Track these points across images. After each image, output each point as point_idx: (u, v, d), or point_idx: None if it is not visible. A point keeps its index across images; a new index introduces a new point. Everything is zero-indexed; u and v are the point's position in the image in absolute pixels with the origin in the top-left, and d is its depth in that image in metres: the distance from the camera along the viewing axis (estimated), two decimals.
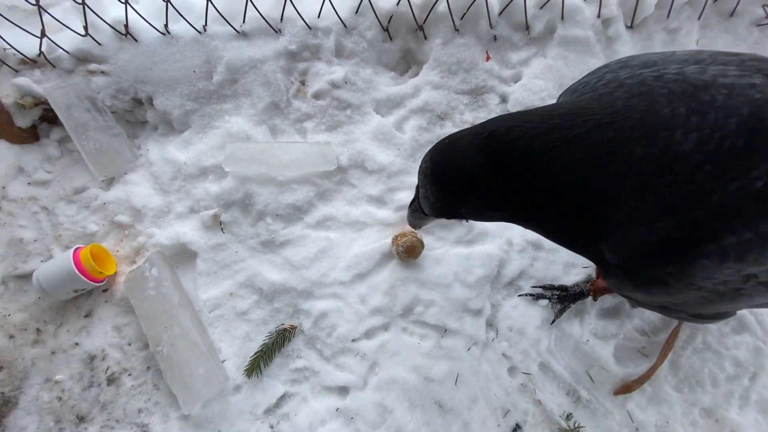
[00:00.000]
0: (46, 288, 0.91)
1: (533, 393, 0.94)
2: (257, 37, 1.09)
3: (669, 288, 0.55)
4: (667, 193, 0.49)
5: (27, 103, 1.06)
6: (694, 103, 0.48)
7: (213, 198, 1.05)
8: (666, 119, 0.48)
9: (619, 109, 0.50)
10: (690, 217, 0.49)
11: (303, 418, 0.89)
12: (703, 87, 0.50)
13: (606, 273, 0.61)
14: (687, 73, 0.52)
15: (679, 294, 0.57)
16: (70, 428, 0.88)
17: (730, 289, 0.56)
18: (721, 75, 0.51)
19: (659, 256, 0.53)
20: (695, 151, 0.47)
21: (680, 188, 0.48)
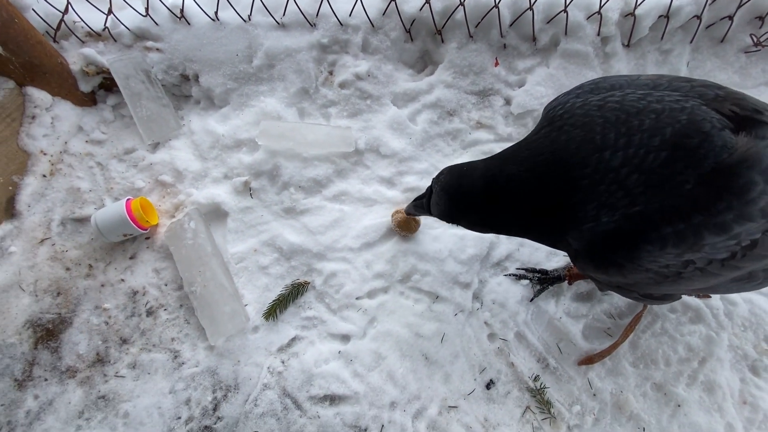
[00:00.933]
0: (101, 229, 1.07)
1: (508, 356, 1.08)
2: (294, 29, 1.24)
3: (623, 269, 0.69)
4: (605, 197, 0.64)
5: (90, 71, 1.22)
6: (623, 128, 0.63)
7: (245, 167, 1.20)
8: (597, 144, 0.63)
9: (561, 144, 0.67)
10: (633, 212, 0.63)
11: (309, 356, 1.04)
12: (635, 113, 0.64)
13: (574, 259, 0.76)
14: (626, 101, 0.66)
15: (631, 275, 0.70)
16: (114, 347, 1.04)
17: (672, 272, 0.69)
18: (657, 101, 0.64)
19: (611, 243, 0.67)
20: (623, 165, 0.62)
21: (615, 193, 0.63)
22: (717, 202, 0.59)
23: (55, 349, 1.03)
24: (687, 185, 0.60)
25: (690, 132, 0.60)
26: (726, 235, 0.61)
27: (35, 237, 1.12)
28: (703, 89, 0.67)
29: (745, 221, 0.59)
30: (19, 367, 1.01)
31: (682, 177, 0.60)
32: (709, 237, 0.61)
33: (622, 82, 0.72)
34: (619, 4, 1.16)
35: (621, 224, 0.65)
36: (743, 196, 0.59)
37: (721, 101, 0.65)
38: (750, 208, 0.59)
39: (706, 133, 0.60)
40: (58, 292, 1.08)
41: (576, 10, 1.17)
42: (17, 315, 1.05)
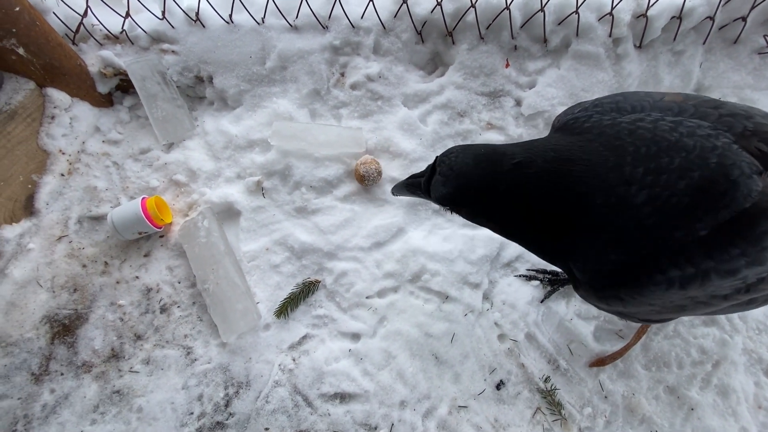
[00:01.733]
0: (117, 227, 1.09)
1: (518, 357, 1.08)
2: (307, 31, 1.25)
3: (625, 303, 0.68)
4: (618, 233, 0.62)
5: (108, 72, 1.25)
6: (653, 164, 0.60)
7: (257, 167, 1.22)
8: (626, 177, 0.60)
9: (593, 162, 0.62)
10: (643, 252, 0.62)
11: (320, 354, 1.05)
12: (666, 148, 0.60)
13: (575, 285, 0.74)
14: (658, 131, 0.63)
15: (632, 307, 0.69)
16: (129, 343, 1.06)
17: (675, 306, 0.68)
18: (689, 135, 0.61)
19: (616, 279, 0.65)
20: (645, 203, 0.59)
21: (630, 231, 0.61)
22: (730, 248, 0.58)
23: (72, 344, 1.05)
24: (702, 231, 0.59)
25: (718, 178, 0.58)
26: (734, 278, 0.60)
27: (53, 234, 1.15)
28: (731, 119, 0.64)
29: (756, 266, 0.59)
30: (36, 362, 1.03)
31: (699, 224, 0.59)
32: (716, 280, 0.60)
33: (645, 104, 0.69)
34: (631, 5, 1.16)
35: (629, 263, 0.63)
36: (758, 244, 0.58)
37: (748, 137, 0.62)
38: (763, 254, 0.58)
39: (734, 181, 0.58)
40: (75, 289, 1.10)
41: (587, 12, 1.17)
42: (35, 310, 1.07)
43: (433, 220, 1.21)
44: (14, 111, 1.08)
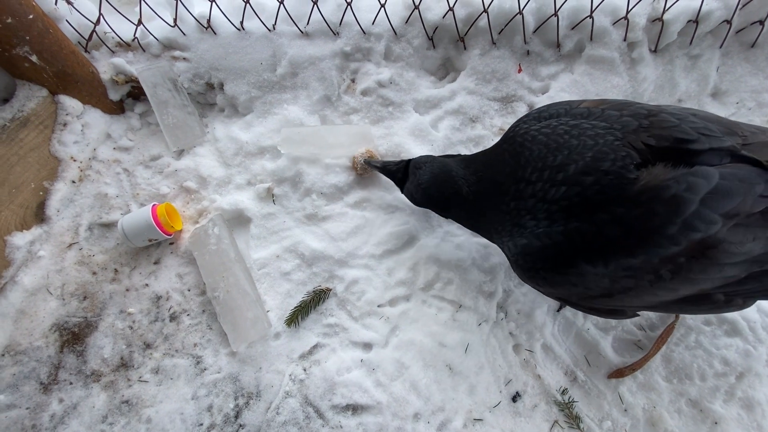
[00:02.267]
0: (128, 234, 1.08)
1: (534, 368, 1.05)
2: (318, 38, 1.25)
3: (549, 282, 0.75)
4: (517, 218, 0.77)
5: (120, 79, 1.25)
6: (540, 163, 0.74)
7: (268, 173, 1.21)
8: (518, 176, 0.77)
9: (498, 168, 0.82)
10: (538, 232, 0.73)
11: (332, 364, 1.03)
12: (554, 149, 0.73)
13: (513, 268, 0.83)
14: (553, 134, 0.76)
15: (560, 288, 0.76)
16: (138, 352, 1.05)
17: (602, 288, 0.71)
18: (578, 136, 0.73)
19: (532, 258, 0.75)
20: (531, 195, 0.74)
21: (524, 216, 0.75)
22: (616, 228, 0.65)
23: (81, 352, 1.04)
24: (589, 214, 0.68)
25: (588, 170, 0.68)
26: (633, 259, 0.65)
27: (63, 241, 1.14)
28: (630, 119, 0.72)
29: (651, 247, 0.64)
30: (45, 371, 1.02)
31: (578, 208, 0.69)
32: (614, 261, 0.66)
33: (561, 111, 0.81)
34: (646, 9, 1.15)
35: (533, 242, 0.74)
36: (644, 225, 0.63)
37: (640, 132, 0.69)
38: (654, 236, 0.63)
39: (604, 170, 0.67)
40: (85, 296, 1.10)
41: (602, 16, 1.16)
42: (44, 318, 1.06)
43: (445, 228, 1.19)
44: (27, 118, 1.08)
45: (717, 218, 0.61)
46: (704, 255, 0.63)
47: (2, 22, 0.98)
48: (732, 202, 0.61)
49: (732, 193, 0.61)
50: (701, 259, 0.63)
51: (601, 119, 0.74)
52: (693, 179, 0.61)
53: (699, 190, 0.61)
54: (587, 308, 0.86)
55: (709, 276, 0.65)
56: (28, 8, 1.02)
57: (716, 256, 0.63)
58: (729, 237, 0.62)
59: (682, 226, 0.61)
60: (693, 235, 0.61)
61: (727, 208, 0.61)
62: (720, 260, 0.63)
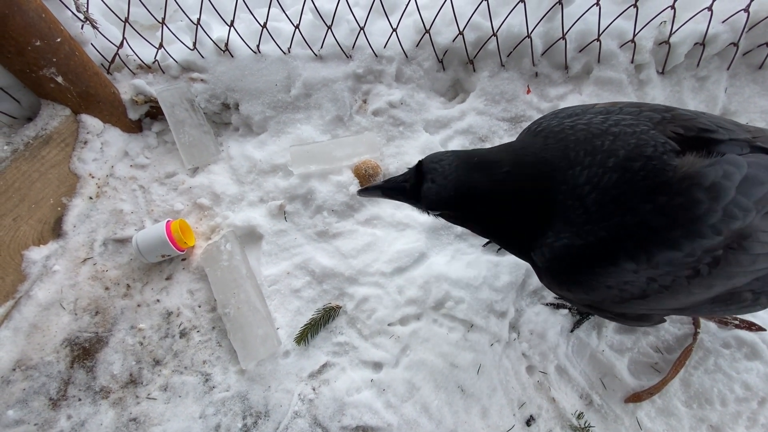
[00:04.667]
0: (142, 250, 1.09)
1: (548, 391, 1.02)
2: (331, 60, 1.29)
3: (583, 286, 0.70)
4: (568, 214, 0.67)
5: (139, 100, 1.29)
6: (589, 146, 0.67)
7: (280, 191, 1.22)
8: (570, 160, 0.67)
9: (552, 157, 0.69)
10: (585, 229, 0.66)
11: (341, 384, 1.01)
12: (599, 134, 0.68)
13: (539, 275, 0.77)
14: (592, 123, 0.70)
15: (593, 292, 0.71)
16: (147, 368, 1.04)
17: (636, 290, 0.69)
18: (615, 124, 0.69)
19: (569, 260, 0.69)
20: (585, 182, 0.65)
21: (576, 210, 0.66)
22: (661, 218, 0.62)
23: (91, 368, 1.04)
24: (634, 204, 0.63)
25: (635, 156, 0.64)
26: (679, 252, 0.62)
27: (78, 257, 1.16)
28: (651, 113, 0.70)
29: (695, 238, 0.61)
30: (54, 386, 1.02)
31: (626, 197, 0.63)
32: (659, 254, 0.62)
33: (578, 110, 0.77)
34: (652, 32, 1.17)
35: (575, 241, 0.67)
36: (687, 214, 0.61)
37: (666, 124, 0.68)
38: (697, 226, 0.60)
39: (648, 156, 0.64)
40: (97, 311, 1.10)
41: (609, 39, 1.18)
42: (56, 333, 1.07)
43: (455, 245, 1.19)
44: (49, 136, 1.12)
45: (751, 206, 0.60)
46: (740, 246, 0.62)
47: (31, 45, 1.02)
48: (763, 190, 0.60)
49: (761, 180, 0.61)
50: (738, 251, 0.62)
51: (625, 114, 0.72)
52: (727, 167, 0.61)
53: (734, 177, 0.60)
54: (616, 315, 0.82)
55: (743, 268, 0.64)
56: (56, 32, 1.06)
57: (751, 247, 0.62)
58: (762, 225, 0.61)
59: (723, 214, 0.60)
60: (732, 223, 0.60)
61: (759, 195, 0.60)
62: (753, 250, 0.62)
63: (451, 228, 1.19)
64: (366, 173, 1.20)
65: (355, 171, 1.22)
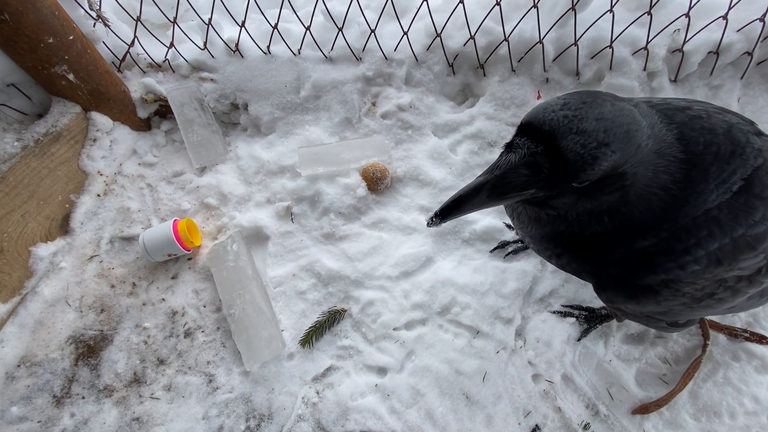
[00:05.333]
0: (148, 248, 1.09)
1: (554, 400, 1.01)
2: (341, 63, 1.29)
3: (657, 297, 0.66)
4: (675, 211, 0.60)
5: (149, 98, 1.29)
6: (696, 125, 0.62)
7: (288, 192, 1.22)
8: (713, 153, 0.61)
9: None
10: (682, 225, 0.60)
11: (345, 388, 1.00)
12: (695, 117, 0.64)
13: (603, 287, 0.70)
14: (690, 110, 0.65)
15: (666, 302, 0.67)
16: (151, 367, 1.04)
17: (706, 294, 0.67)
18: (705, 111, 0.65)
19: (655, 263, 0.62)
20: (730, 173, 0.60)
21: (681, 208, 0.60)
22: (753, 212, 0.59)
23: (95, 366, 1.03)
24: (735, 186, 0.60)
25: (733, 138, 0.61)
26: (759, 248, 0.60)
27: (85, 254, 1.16)
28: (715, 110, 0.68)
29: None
30: (58, 384, 1.01)
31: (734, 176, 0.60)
32: (746, 251, 0.60)
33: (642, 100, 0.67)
34: (666, 40, 1.16)
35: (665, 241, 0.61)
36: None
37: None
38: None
39: (743, 142, 0.62)
40: (102, 309, 1.10)
41: (621, 46, 1.18)
42: (62, 330, 1.07)
43: (462, 250, 1.18)
44: (59, 133, 1.12)
45: None
46: None
47: (44, 42, 1.03)
48: None
49: None
50: None
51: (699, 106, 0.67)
52: None
53: None
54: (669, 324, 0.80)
55: None
56: (69, 29, 1.07)
57: None
58: None
59: None
60: None
61: None
62: None
63: (458, 233, 1.18)
64: (374, 176, 1.20)
65: (363, 174, 1.22)
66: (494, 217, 1.19)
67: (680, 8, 1.12)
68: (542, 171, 0.52)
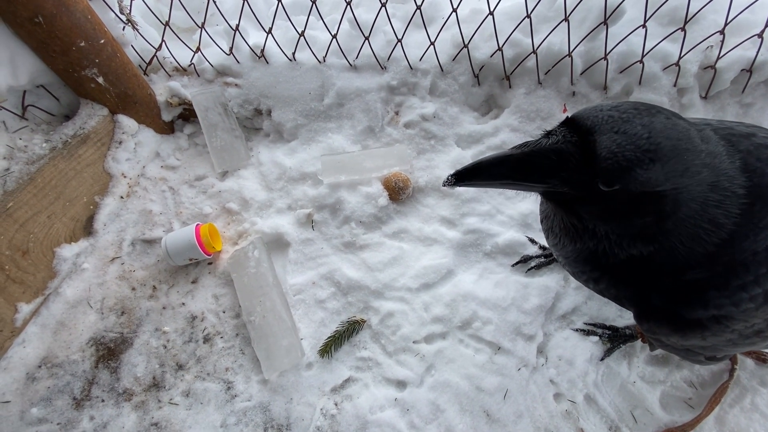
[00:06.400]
0: (170, 252, 1.09)
1: (576, 421, 0.99)
2: (366, 71, 1.28)
3: (705, 332, 0.62)
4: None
5: (174, 102, 1.30)
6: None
7: (309, 199, 1.22)
8: None
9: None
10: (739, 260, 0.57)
11: (364, 401, 0.99)
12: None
13: (645, 317, 0.67)
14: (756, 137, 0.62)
15: (712, 337, 0.63)
16: (170, 372, 1.04)
17: (754, 332, 0.63)
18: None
19: (707, 298, 0.59)
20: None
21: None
22: None
23: (115, 369, 1.04)
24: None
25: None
26: None
27: (107, 255, 1.16)
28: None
29: None
30: (78, 386, 1.02)
31: None
32: None
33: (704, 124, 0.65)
34: (698, 56, 1.14)
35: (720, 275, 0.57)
36: None
37: None
38: None
39: None
40: (123, 311, 1.10)
41: (652, 62, 1.16)
42: (83, 331, 1.07)
43: (483, 264, 1.17)
44: (87, 135, 1.13)
45: None
46: None
47: (76, 45, 1.04)
48: None
49: None
50: None
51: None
52: None
53: None
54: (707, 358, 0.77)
55: None
56: (101, 33, 1.08)
57: None
58: None
59: None
60: None
61: None
62: None
63: (480, 245, 1.17)
64: (396, 186, 1.19)
65: (385, 183, 1.21)
66: (517, 231, 1.18)
67: (714, 25, 1.10)
68: (571, 161, 0.50)
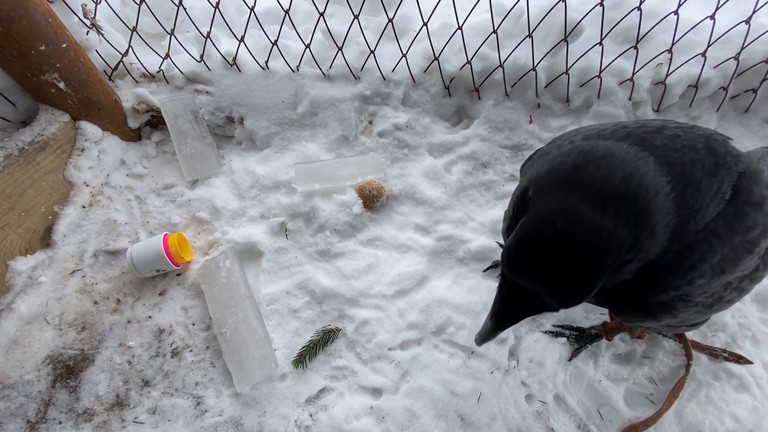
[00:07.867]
0: (136, 263, 1.05)
1: (547, 420, 1.02)
2: (339, 81, 1.30)
3: (673, 311, 0.69)
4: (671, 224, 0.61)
5: (141, 108, 1.27)
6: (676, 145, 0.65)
7: (283, 208, 1.21)
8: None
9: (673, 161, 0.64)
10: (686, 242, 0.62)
11: (339, 410, 0.98)
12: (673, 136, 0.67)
13: (621, 310, 0.73)
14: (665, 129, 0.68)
15: (681, 314, 0.71)
16: (135, 389, 0.99)
17: (716, 299, 0.71)
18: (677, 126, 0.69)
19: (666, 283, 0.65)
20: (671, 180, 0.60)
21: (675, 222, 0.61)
22: (745, 218, 0.63)
23: (74, 388, 0.98)
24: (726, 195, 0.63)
25: (715, 145, 0.65)
26: (756, 250, 0.64)
27: (66, 268, 1.11)
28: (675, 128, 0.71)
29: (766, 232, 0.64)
30: (33, 407, 0.95)
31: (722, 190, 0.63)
32: (745, 256, 0.64)
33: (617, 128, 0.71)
34: (650, 72, 1.23)
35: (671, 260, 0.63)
36: (762, 209, 0.63)
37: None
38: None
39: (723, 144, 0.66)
40: (83, 327, 1.05)
41: (609, 77, 1.23)
42: (38, 349, 1.01)
43: (456, 269, 1.19)
44: (46, 142, 1.08)
45: None
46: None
47: (35, 49, 0.99)
48: None
49: None
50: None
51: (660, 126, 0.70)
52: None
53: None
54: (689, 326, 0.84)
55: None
56: (62, 37, 1.04)
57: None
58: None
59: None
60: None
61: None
62: None
63: (453, 252, 1.20)
64: (370, 194, 1.20)
65: (359, 191, 1.22)
66: (488, 237, 1.21)
67: (663, 44, 1.19)
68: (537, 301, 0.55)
